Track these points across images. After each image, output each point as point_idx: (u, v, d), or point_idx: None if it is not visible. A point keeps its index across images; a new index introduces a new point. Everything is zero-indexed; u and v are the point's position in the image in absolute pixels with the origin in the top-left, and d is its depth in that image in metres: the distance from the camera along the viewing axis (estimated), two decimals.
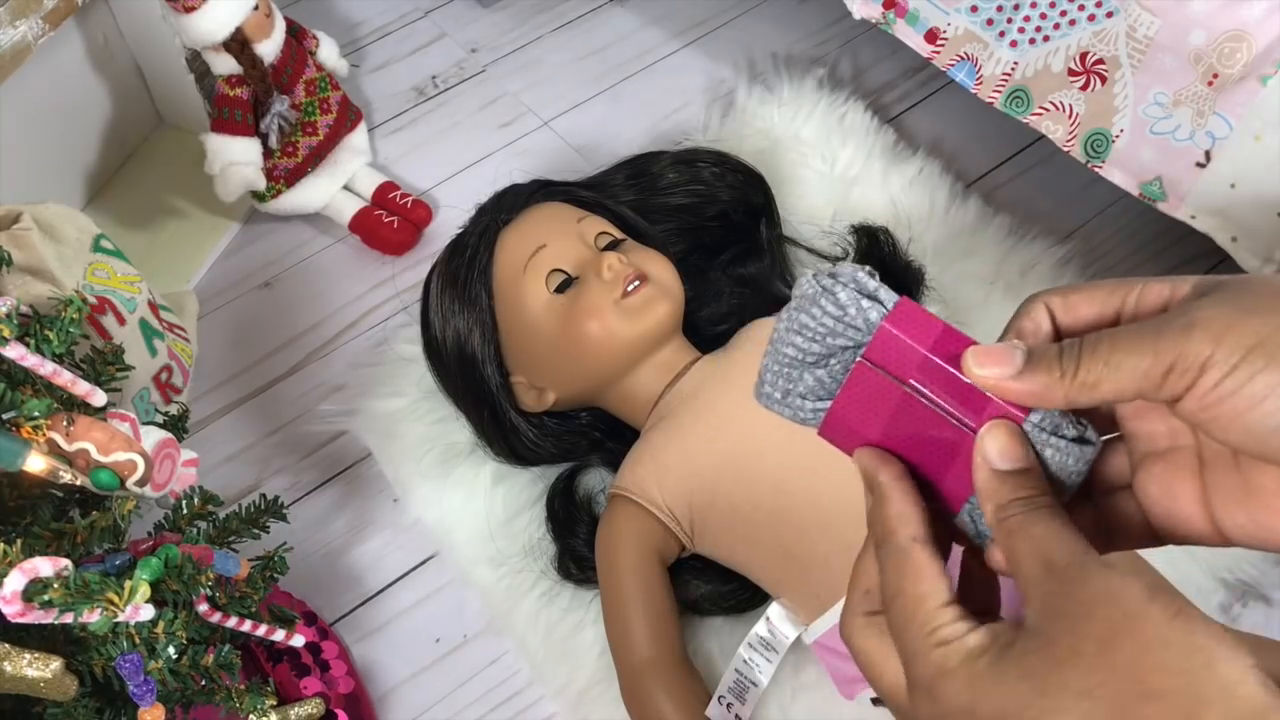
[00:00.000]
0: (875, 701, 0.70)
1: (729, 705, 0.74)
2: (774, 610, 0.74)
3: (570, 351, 0.79)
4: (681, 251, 0.90)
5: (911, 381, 0.36)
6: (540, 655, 0.80)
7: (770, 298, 0.91)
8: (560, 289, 0.80)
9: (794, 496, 0.72)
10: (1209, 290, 0.34)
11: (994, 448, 0.35)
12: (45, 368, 0.56)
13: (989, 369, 0.35)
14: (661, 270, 0.81)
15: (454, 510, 0.86)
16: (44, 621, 0.52)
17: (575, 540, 0.82)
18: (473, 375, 0.83)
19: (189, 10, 0.89)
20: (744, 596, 0.78)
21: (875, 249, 0.95)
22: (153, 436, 0.62)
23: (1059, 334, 0.37)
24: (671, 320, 0.80)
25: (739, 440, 0.75)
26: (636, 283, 0.78)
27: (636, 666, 0.73)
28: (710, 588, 0.78)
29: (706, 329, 0.88)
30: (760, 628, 0.74)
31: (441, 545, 0.86)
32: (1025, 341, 0.36)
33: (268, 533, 0.69)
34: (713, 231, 0.93)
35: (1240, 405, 0.31)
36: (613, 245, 0.82)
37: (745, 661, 0.74)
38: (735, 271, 0.93)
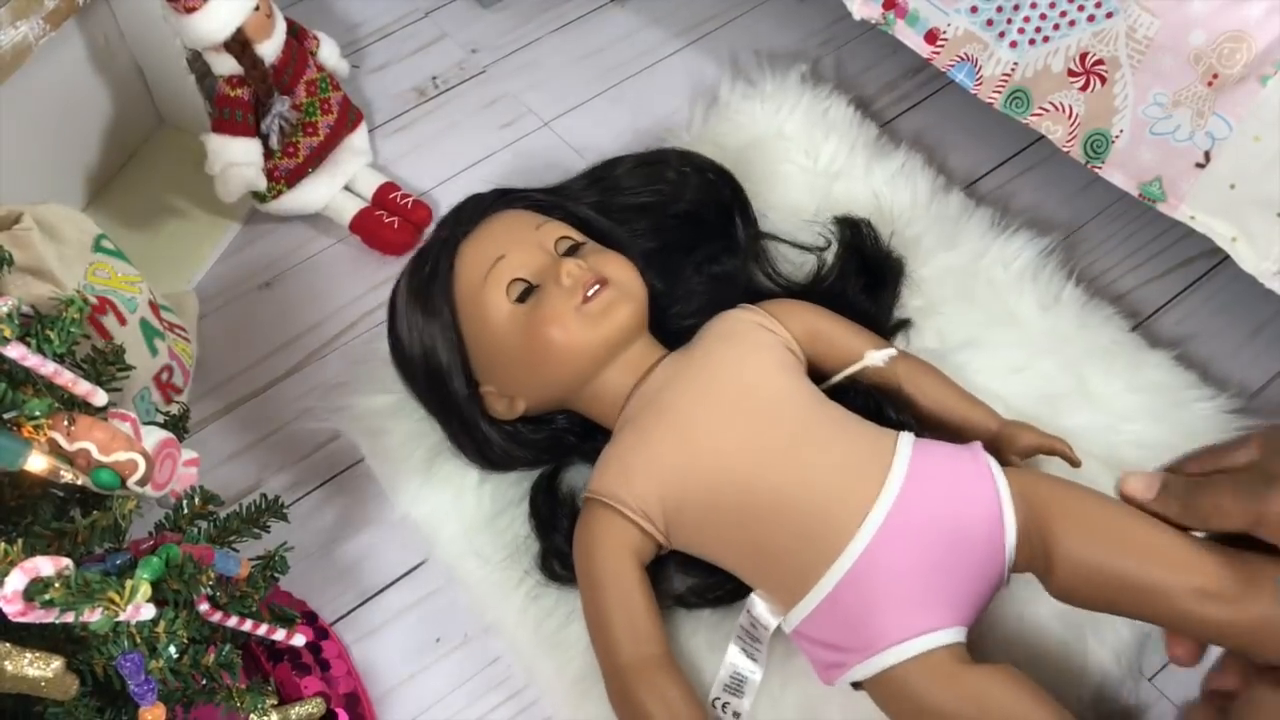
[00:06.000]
0: (856, 686, 0.70)
1: (724, 705, 0.74)
2: (753, 601, 0.74)
3: (535, 360, 0.79)
4: (655, 249, 0.90)
5: None
6: (529, 650, 0.80)
7: (742, 293, 0.90)
8: (522, 298, 0.79)
9: (757, 492, 0.72)
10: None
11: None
12: (46, 368, 0.56)
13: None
14: (622, 272, 0.80)
15: (441, 507, 0.85)
16: (45, 621, 0.52)
17: (558, 537, 0.81)
18: (441, 387, 0.83)
19: (189, 11, 0.89)
20: (729, 588, 0.78)
21: (857, 240, 0.95)
22: (153, 436, 0.62)
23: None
24: (633, 321, 0.80)
25: (700, 438, 0.75)
26: (596, 287, 0.78)
27: (619, 669, 0.72)
28: (695, 580, 0.78)
29: (676, 324, 0.87)
30: (743, 619, 0.74)
31: (429, 542, 0.86)
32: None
33: (268, 532, 0.69)
34: (685, 229, 0.93)
35: None
36: (573, 249, 0.81)
37: (735, 654, 0.74)
38: (711, 269, 0.93)
